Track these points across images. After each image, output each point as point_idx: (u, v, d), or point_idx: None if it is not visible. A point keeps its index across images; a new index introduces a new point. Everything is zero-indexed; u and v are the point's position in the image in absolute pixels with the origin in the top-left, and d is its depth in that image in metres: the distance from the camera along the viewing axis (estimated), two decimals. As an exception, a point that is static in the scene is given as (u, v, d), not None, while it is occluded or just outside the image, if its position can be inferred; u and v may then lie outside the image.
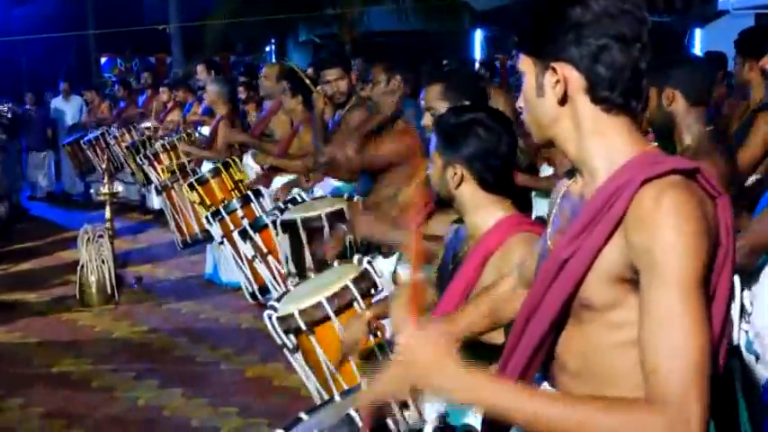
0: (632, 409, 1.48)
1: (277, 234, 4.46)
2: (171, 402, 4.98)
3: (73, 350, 5.99)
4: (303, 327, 3.20)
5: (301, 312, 3.21)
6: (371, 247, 3.81)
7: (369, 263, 3.35)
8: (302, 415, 2.46)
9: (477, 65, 6.57)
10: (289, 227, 4.27)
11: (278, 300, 3.50)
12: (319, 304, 3.20)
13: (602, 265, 1.62)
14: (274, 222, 4.38)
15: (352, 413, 2.10)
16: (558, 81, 1.65)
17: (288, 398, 4.84)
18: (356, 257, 3.50)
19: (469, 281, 2.51)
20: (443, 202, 2.72)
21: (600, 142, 1.67)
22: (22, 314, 6.92)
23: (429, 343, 1.61)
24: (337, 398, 2.50)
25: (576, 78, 1.65)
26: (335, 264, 3.73)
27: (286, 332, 3.27)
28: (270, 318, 3.27)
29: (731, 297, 1.63)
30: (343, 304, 3.22)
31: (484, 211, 2.59)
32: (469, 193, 2.59)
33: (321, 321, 3.23)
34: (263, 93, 7.53)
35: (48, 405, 5.01)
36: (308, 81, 5.82)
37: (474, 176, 2.57)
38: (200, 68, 9.60)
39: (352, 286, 3.23)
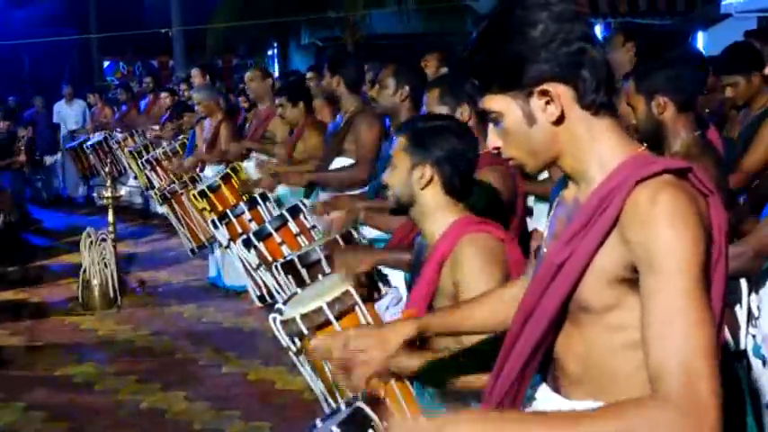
0: (644, 409, 1.47)
1: (280, 278, 4.44)
2: (173, 405, 4.97)
3: (76, 353, 6.00)
4: (305, 331, 3.20)
5: (303, 317, 3.21)
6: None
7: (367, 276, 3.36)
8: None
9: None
10: (289, 267, 4.28)
11: (285, 302, 3.51)
12: (320, 309, 3.20)
13: (598, 267, 1.62)
14: (275, 267, 4.38)
15: (364, 407, 2.10)
16: (547, 103, 1.64)
17: (290, 401, 4.84)
18: None
19: (430, 286, 2.55)
20: (399, 210, 2.73)
21: (595, 148, 1.68)
22: (26, 317, 6.93)
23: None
24: (318, 424, 2.51)
25: (564, 92, 1.64)
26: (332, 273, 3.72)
27: (290, 336, 3.27)
28: (274, 321, 3.28)
29: (725, 296, 1.63)
30: (344, 309, 3.22)
31: (440, 216, 2.62)
32: (432, 196, 2.63)
33: (323, 326, 3.23)
34: (253, 95, 7.56)
35: (50, 408, 5.01)
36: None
37: (441, 178, 2.61)
38: (194, 73, 9.61)
39: (353, 291, 3.23)
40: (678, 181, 1.58)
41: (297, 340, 3.29)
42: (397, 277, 3.64)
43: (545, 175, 4.32)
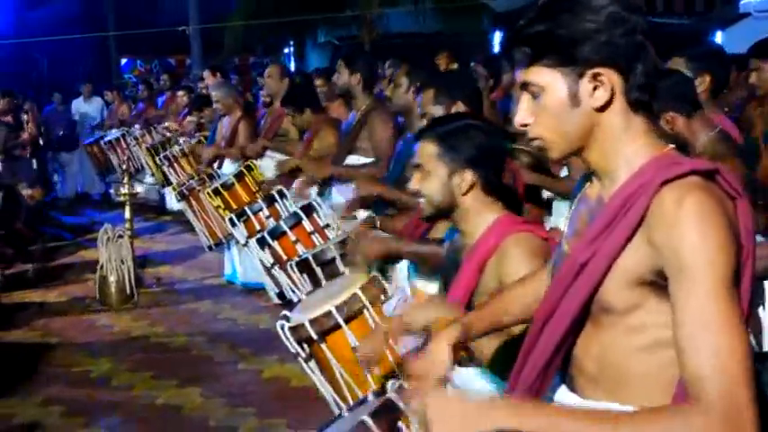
0: (680, 414, 1.47)
1: (295, 277, 4.45)
2: (189, 402, 4.99)
3: (92, 349, 6.03)
4: (314, 336, 3.21)
5: (312, 322, 3.21)
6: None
7: (380, 272, 3.36)
8: None
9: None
10: (304, 266, 4.29)
11: (291, 309, 3.52)
12: (329, 313, 3.21)
13: (621, 268, 1.61)
14: (291, 266, 4.39)
15: (366, 419, 2.08)
16: (595, 88, 1.62)
17: (305, 399, 4.83)
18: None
19: (469, 287, 2.52)
20: (434, 217, 2.70)
21: (625, 144, 1.66)
22: (43, 313, 6.97)
23: (455, 405, 1.60)
24: (345, 414, 2.50)
25: (615, 80, 1.62)
26: (346, 271, 3.73)
27: (299, 342, 3.28)
28: (282, 328, 3.28)
29: (753, 299, 1.62)
30: (352, 312, 3.23)
31: (481, 216, 2.60)
32: (473, 199, 2.60)
33: (332, 330, 3.23)
34: (268, 92, 7.59)
35: (68, 403, 5.04)
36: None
37: (481, 180, 2.58)
38: (206, 74, 9.65)
39: (360, 294, 3.23)
40: (705, 183, 1.56)
41: (305, 346, 3.30)
42: (402, 278, 3.65)
43: (565, 172, 4.32)
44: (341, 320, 3.19)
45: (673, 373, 1.57)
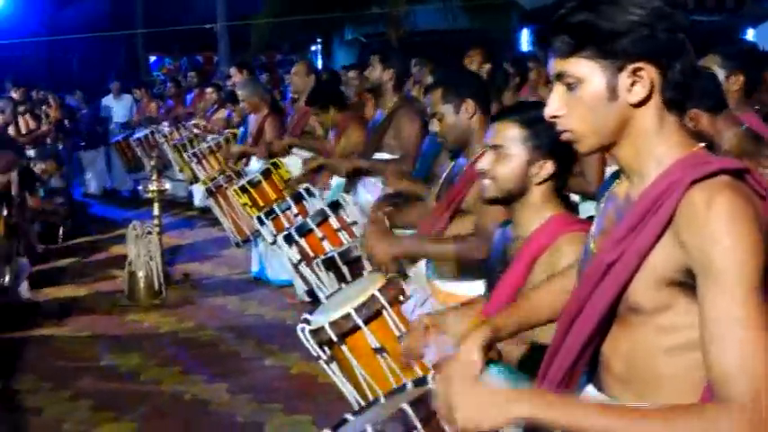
0: (707, 413, 1.46)
1: (321, 274, 4.47)
2: (216, 397, 5.02)
3: (121, 344, 6.08)
4: (334, 338, 3.22)
5: (331, 324, 3.22)
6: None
7: (395, 270, 3.36)
8: (348, 416, 2.46)
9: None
10: (330, 264, 4.30)
11: (312, 312, 3.53)
12: (348, 315, 3.21)
13: (650, 268, 1.59)
14: (317, 264, 4.41)
15: (406, 407, 2.08)
16: (634, 82, 1.60)
17: (332, 395, 4.81)
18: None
19: (519, 280, 2.48)
20: (497, 201, 2.64)
21: (656, 142, 1.64)
22: (72, 309, 7.03)
23: (478, 391, 1.60)
24: (382, 399, 2.49)
25: (655, 76, 1.60)
26: (365, 273, 3.74)
27: (319, 344, 3.29)
28: (303, 331, 3.29)
29: None
30: (371, 313, 3.23)
31: (541, 211, 2.56)
32: (543, 190, 2.56)
33: (352, 332, 3.24)
34: (294, 89, 7.61)
35: (96, 398, 5.09)
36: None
37: (556, 172, 2.54)
38: (233, 71, 9.69)
39: (379, 295, 3.23)
40: (735, 182, 1.54)
41: (326, 348, 3.30)
42: (421, 277, 3.64)
43: (610, 170, 4.29)
44: (360, 322, 3.19)
45: (701, 373, 1.56)
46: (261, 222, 5.60)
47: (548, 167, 2.53)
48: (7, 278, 6.31)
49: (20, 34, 15.67)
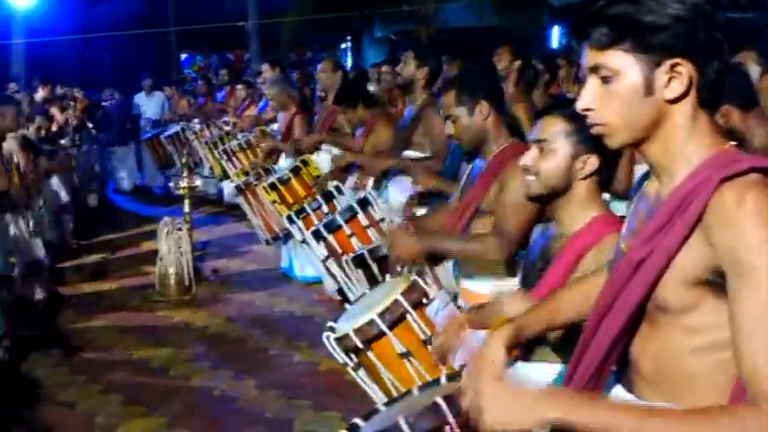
0: (737, 414, 1.45)
1: (350, 272, 4.48)
2: (245, 393, 5.05)
3: (151, 339, 6.14)
4: (360, 345, 3.22)
5: (356, 331, 3.22)
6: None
7: (419, 274, 3.35)
8: (379, 406, 2.46)
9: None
10: (359, 262, 4.31)
11: (338, 314, 3.54)
12: (372, 321, 3.21)
13: (678, 267, 1.58)
14: (346, 261, 4.42)
15: (439, 401, 2.08)
16: (671, 78, 1.58)
17: (361, 392, 4.82)
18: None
19: (561, 279, 2.45)
20: (540, 198, 2.62)
21: (690, 141, 1.63)
22: (104, 303, 7.12)
23: (507, 394, 1.58)
24: (415, 391, 2.50)
25: (692, 73, 1.58)
26: (387, 278, 3.74)
27: (345, 351, 3.29)
28: (328, 338, 3.30)
29: None
30: (395, 318, 3.23)
31: (585, 208, 2.54)
32: (587, 186, 2.54)
33: (377, 338, 3.23)
34: (322, 86, 7.64)
35: (127, 392, 5.15)
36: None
37: (602, 169, 2.53)
38: (265, 68, 9.73)
39: (402, 299, 3.22)
40: (766, 180, 1.52)
41: (353, 355, 3.31)
42: (446, 278, 3.64)
43: (641, 168, 4.26)
44: (385, 327, 3.19)
45: (730, 374, 1.55)
46: (291, 221, 5.62)
47: (592, 162, 2.51)
48: (16, 270, 6.34)
49: (53, 33, 15.85)
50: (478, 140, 3.45)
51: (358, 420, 2.35)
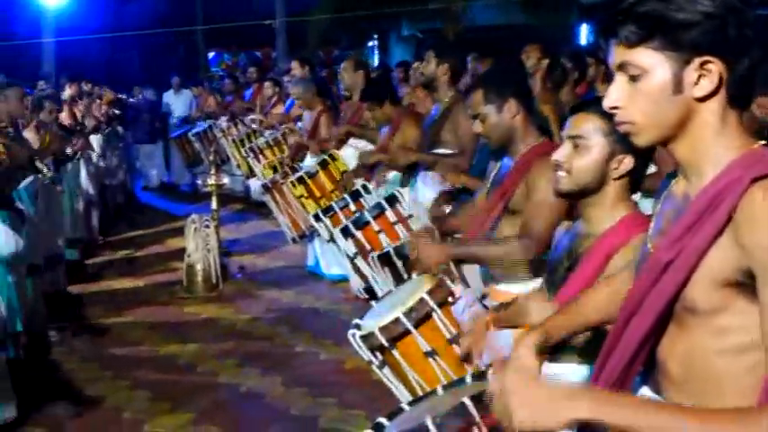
0: (766, 415, 1.42)
1: (376, 270, 4.47)
2: (271, 390, 5.07)
3: (179, 335, 6.19)
4: (385, 343, 3.21)
5: (382, 329, 3.22)
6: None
7: (445, 272, 3.34)
8: (404, 405, 2.45)
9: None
10: (385, 260, 4.31)
11: (364, 312, 3.54)
12: (398, 320, 3.20)
13: (707, 268, 1.56)
14: (372, 259, 4.42)
15: (466, 401, 2.07)
16: (701, 76, 1.56)
17: (386, 391, 4.84)
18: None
19: (590, 278, 2.43)
20: (571, 195, 2.58)
21: (719, 140, 1.60)
22: (132, 299, 7.18)
23: (535, 385, 1.56)
24: (440, 391, 2.49)
25: (722, 71, 1.56)
26: (414, 276, 3.73)
27: (371, 350, 3.29)
28: (354, 336, 3.30)
29: None
30: (421, 316, 3.22)
31: (616, 207, 2.51)
32: (619, 186, 2.51)
33: (402, 336, 3.23)
34: (345, 85, 7.64)
35: (154, 388, 5.18)
36: None
37: (635, 169, 2.49)
38: (294, 65, 9.75)
39: (427, 298, 3.22)
40: None
41: (378, 353, 3.31)
42: (473, 279, 3.62)
43: (652, 168, 4.22)
44: (410, 326, 3.19)
45: (759, 376, 1.53)
46: (317, 219, 5.63)
47: (627, 162, 2.47)
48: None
49: (82, 33, 16.00)
50: (507, 139, 3.43)
51: (383, 420, 2.34)
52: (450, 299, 3.27)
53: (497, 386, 1.65)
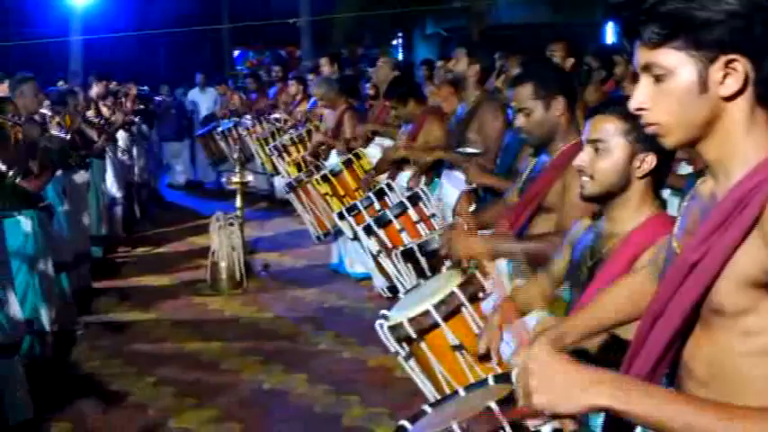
0: None
1: (400, 266, 4.47)
2: (294, 388, 5.09)
3: (203, 332, 6.22)
4: (413, 335, 3.20)
5: (410, 321, 3.20)
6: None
7: (476, 267, 3.32)
8: (426, 408, 2.45)
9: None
10: (408, 256, 4.30)
11: (390, 307, 3.53)
12: (427, 312, 3.19)
13: (735, 269, 1.53)
14: (396, 255, 4.41)
15: (493, 406, 2.05)
16: (727, 75, 1.53)
17: (409, 390, 4.82)
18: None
19: (616, 278, 2.36)
20: (596, 197, 2.56)
21: (747, 139, 1.57)
22: (156, 296, 7.22)
23: (554, 362, 1.51)
24: (462, 392, 2.48)
25: (748, 69, 1.53)
26: (444, 269, 3.71)
27: (398, 340, 3.28)
28: (381, 327, 3.29)
29: None
30: (450, 310, 3.20)
31: (641, 208, 2.49)
32: (643, 186, 2.48)
33: (431, 329, 3.22)
34: (378, 82, 7.64)
35: (178, 384, 5.21)
36: None
37: (659, 168, 2.47)
38: (323, 61, 9.76)
39: (458, 292, 3.20)
40: None
41: (405, 345, 3.30)
42: (503, 275, 3.59)
43: (689, 169, 4.18)
44: (439, 319, 3.17)
45: None
46: (341, 217, 5.63)
47: (650, 161, 2.45)
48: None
49: (110, 31, 16.13)
50: (548, 136, 3.40)
51: (405, 423, 2.33)
52: (480, 294, 3.26)
53: (519, 369, 1.62)
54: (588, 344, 2.35)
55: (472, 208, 4.44)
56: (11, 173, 4.72)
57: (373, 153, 6.86)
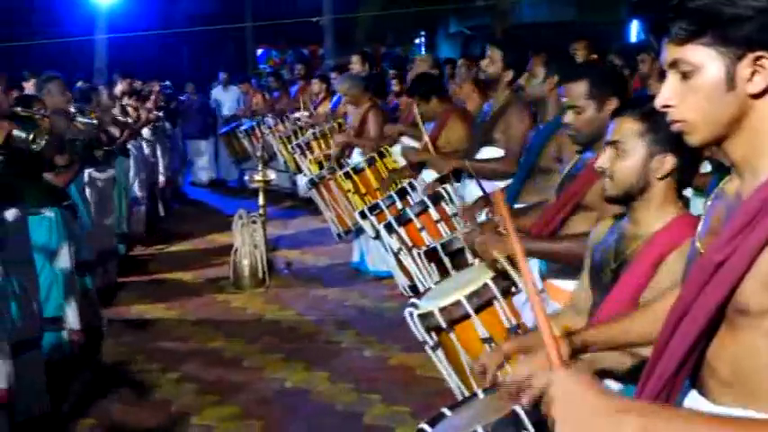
0: None
1: (422, 266, 4.45)
2: (316, 386, 5.10)
3: (225, 330, 6.24)
4: (443, 324, 3.18)
5: (441, 310, 3.19)
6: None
7: (509, 261, 3.30)
8: (445, 411, 2.43)
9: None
10: (432, 255, 4.28)
11: (420, 297, 3.51)
12: (459, 302, 3.17)
13: (761, 269, 1.52)
14: (419, 254, 4.40)
15: (519, 411, 2.03)
16: (755, 72, 1.52)
17: (431, 388, 4.84)
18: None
19: (641, 281, 2.39)
20: (617, 200, 2.55)
21: None
22: (179, 293, 7.26)
23: (583, 391, 1.47)
24: (480, 395, 2.46)
25: None
26: (476, 262, 3.69)
27: (427, 329, 3.27)
28: (411, 315, 3.28)
29: None
30: (482, 302, 3.19)
31: (663, 208, 2.47)
32: (665, 186, 2.47)
33: (461, 319, 3.20)
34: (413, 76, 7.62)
35: (201, 381, 5.24)
36: None
37: (679, 168, 2.46)
38: (354, 59, 9.76)
39: (491, 284, 3.18)
40: None
41: (433, 334, 3.28)
42: (534, 274, 3.57)
43: (707, 167, 4.13)
44: (471, 310, 3.15)
45: None
46: (363, 216, 5.63)
47: (669, 161, 2.44)
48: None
49: (134, 30, 16.25)
50: (596, 136, 3.37)
51: (425, 426, 2.32)
52: (513, 289, 3.24)
53: (542, 379, 1.59)
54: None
55: (483, 215, 4.40)
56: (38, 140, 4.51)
57: (398, 151, 6.85)
